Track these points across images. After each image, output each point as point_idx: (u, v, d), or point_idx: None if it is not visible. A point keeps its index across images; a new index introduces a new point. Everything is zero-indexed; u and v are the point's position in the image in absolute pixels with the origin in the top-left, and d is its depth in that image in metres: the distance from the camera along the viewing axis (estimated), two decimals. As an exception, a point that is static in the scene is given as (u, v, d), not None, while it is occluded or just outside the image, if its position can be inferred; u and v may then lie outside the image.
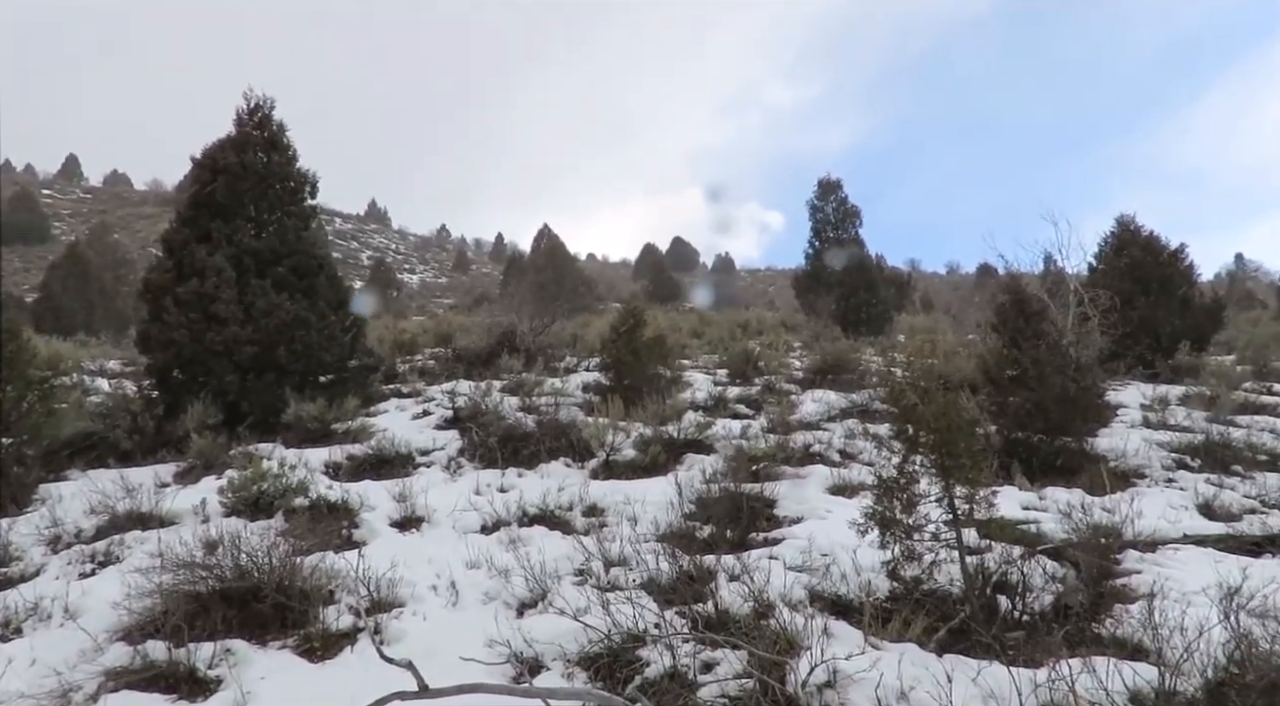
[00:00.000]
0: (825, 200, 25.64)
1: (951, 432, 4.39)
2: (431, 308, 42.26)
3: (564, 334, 16.11)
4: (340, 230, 76.58)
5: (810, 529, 5.62)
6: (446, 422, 9.23)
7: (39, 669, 3.93)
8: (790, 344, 17.15)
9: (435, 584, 5.07)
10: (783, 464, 7.46)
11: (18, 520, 6.18)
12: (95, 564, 5.44)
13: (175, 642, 4.10)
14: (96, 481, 6.82)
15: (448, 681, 3.21)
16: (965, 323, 23.35)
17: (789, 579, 4.66)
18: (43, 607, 4.63)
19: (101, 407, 9.06)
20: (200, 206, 9.55)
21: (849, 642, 3.79)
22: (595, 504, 6.67)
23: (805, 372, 12.88)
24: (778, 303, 48.74)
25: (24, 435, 7.21)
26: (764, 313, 29.65)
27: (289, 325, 9.16)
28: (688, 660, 3.72)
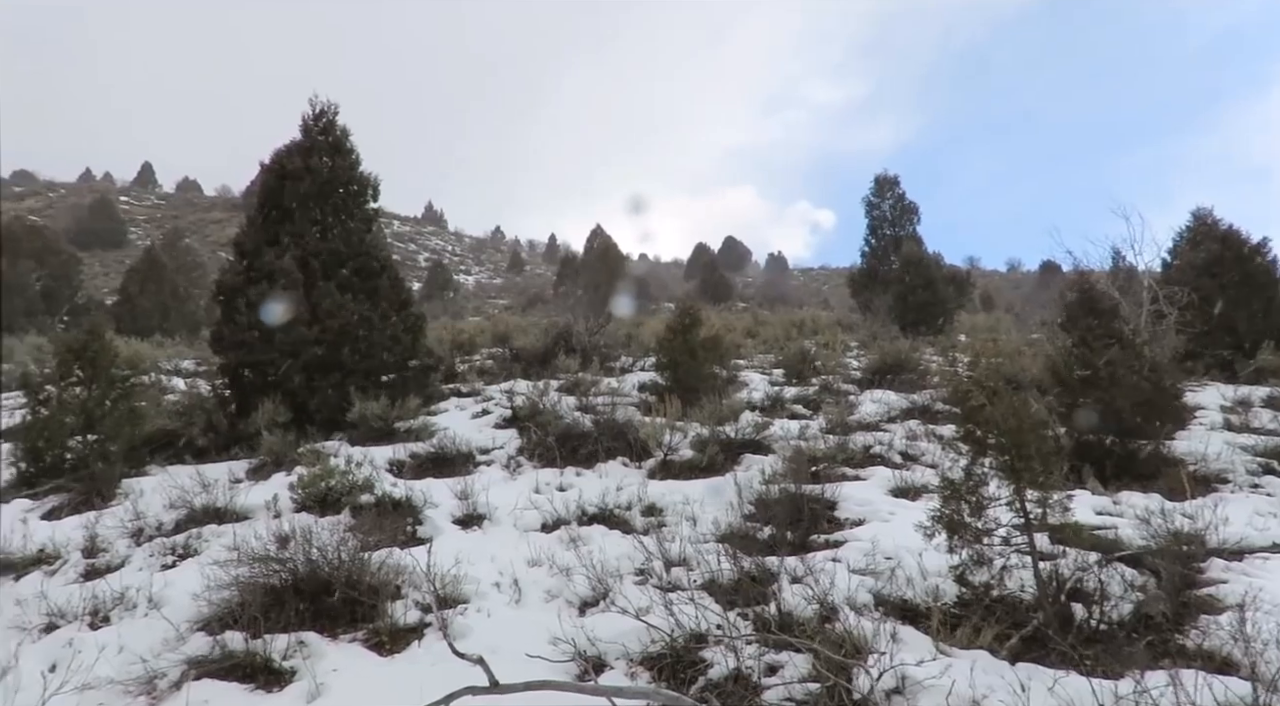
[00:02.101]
0: (882, 197, 25.26)
1: (1021, 434, 4.26)
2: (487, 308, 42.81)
3: (619, 333, 16.17)
4: (398, 232, 78.17)
5: (873, 531, 5.53)
6: (505, 421, 9.34)
7: (126, 656, 4.11)
8: (847, 343, 16.89)
9: (498, 581, 5.14)
10: (843, 465, 7.37)
11: (104, 513, 6.47)
12: (175, 556, 5.65)
13: (252, 634, 4.25)
14: (175, 477, 7.11)
15: (513, 677, 3.25)
16: (1029, 321, 22.70)
17: (853, 582, 4.59)
18: (129, 597, 4.83)
19: (178, 406, 9.44)
20: (269, 211, 9.86)
21: (917, 648, 3.72)
22: (654, 503, 6.67)
23: (863, 372, 12.68)
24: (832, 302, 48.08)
25: (107, 432, 7.54)
26: (818, 312, 29.27)
27: (353, 326, 9.39)
28: (752, 662, 3.70)
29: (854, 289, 25.57)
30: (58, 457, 7.34)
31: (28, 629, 4.55)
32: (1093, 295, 8.25)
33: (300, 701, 3.75)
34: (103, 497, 7.02)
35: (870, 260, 25.15)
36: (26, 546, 5.71)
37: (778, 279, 70.18)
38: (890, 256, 24.27)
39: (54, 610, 4.70)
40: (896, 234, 24.87)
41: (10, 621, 4.60)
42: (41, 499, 7.03)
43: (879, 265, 24.60)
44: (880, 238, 25.15)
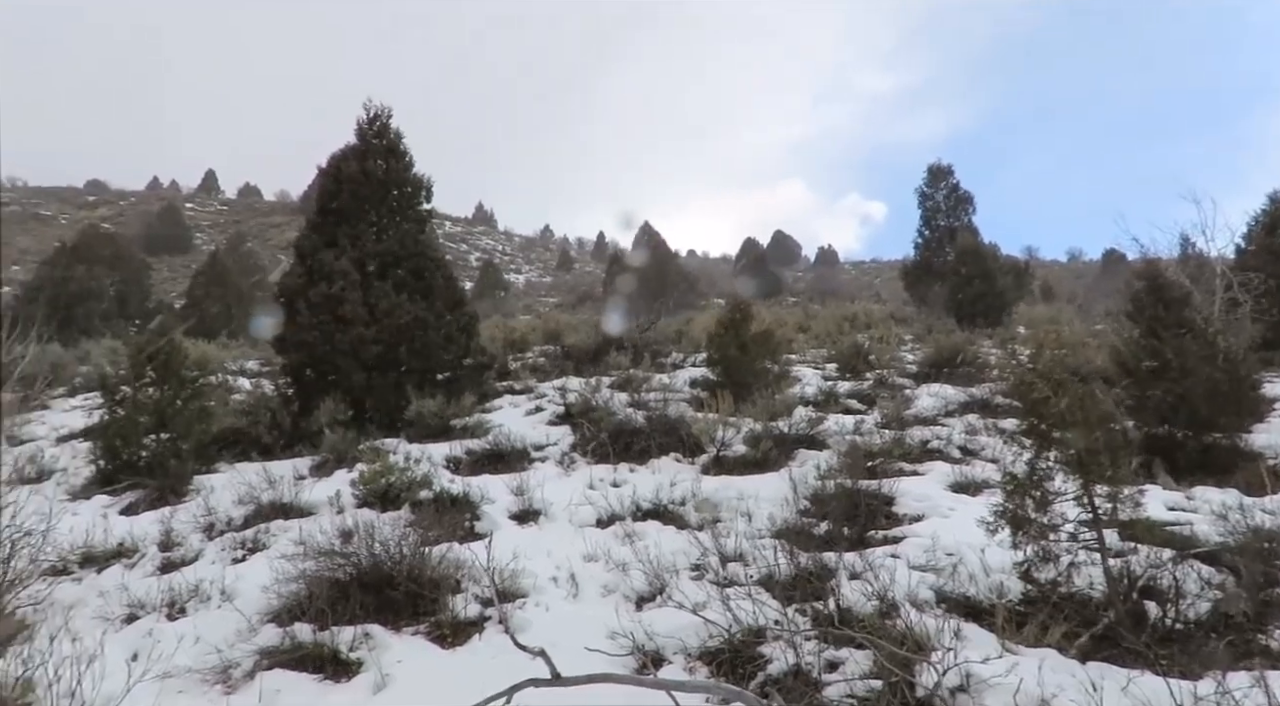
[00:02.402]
0: (935, 187, 24.74)
1: (1088, 427, 4.14)
2: (537, 306, 43.23)
3: (669, 330, 16.17)
4: (450, 233, 79.35)
5: (933, 527, 5.43)
6: (558, 418, 9.42)
7: (202, 646, 4.27)
8: (901, 337, 16.61)
9: (555, 576, 5.19)
10: (900, 460, 7.25)
11: (178, 509, 6.73)
12: (245, 550, 5.85)
13: (319, 626, 4.37)
14: (242, 474, 7.35)
15: (573, 671, 3.28)
16: (1093, 312, 22.02)
17: (913, 578, 4.52)
18: (203, 590, 5.02)
19: (244, 405, 9.76)
20: (327, 214, 10.11)
21: (982, 646, 3.64)
22: (708, 499, 6.66)
23: (919, 366, 12.46)
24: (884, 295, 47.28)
25: (179, 431, 7.83)
26: (871, 305, 28.82)
27: (409, 325, 9.58)
28: (811, 658, 3.67)
29: (907, 281, 25.10)
30: (133, 455, 7.65)
31: (110, 619, 4.76)
32: (1161, 283, 7.94)
33: (367, 692, 3.85)
34: (176, 494, 7.30)
35: (924, 252, 24.66)
36: (107, 540, 5.96)
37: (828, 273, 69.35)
38: (945, 248, 23.76)
39: (134, 601, 4.91)
40: (951, 224, 24.33)
41: (95, 612, 4.82)
42: (119, 495, 7.34)
43: (933, 257, 24.10)
44: (934, 229, 24.63)
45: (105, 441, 7.78)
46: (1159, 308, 7.76)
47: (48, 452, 8.78)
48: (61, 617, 4.53)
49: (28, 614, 4.48)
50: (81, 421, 10.25)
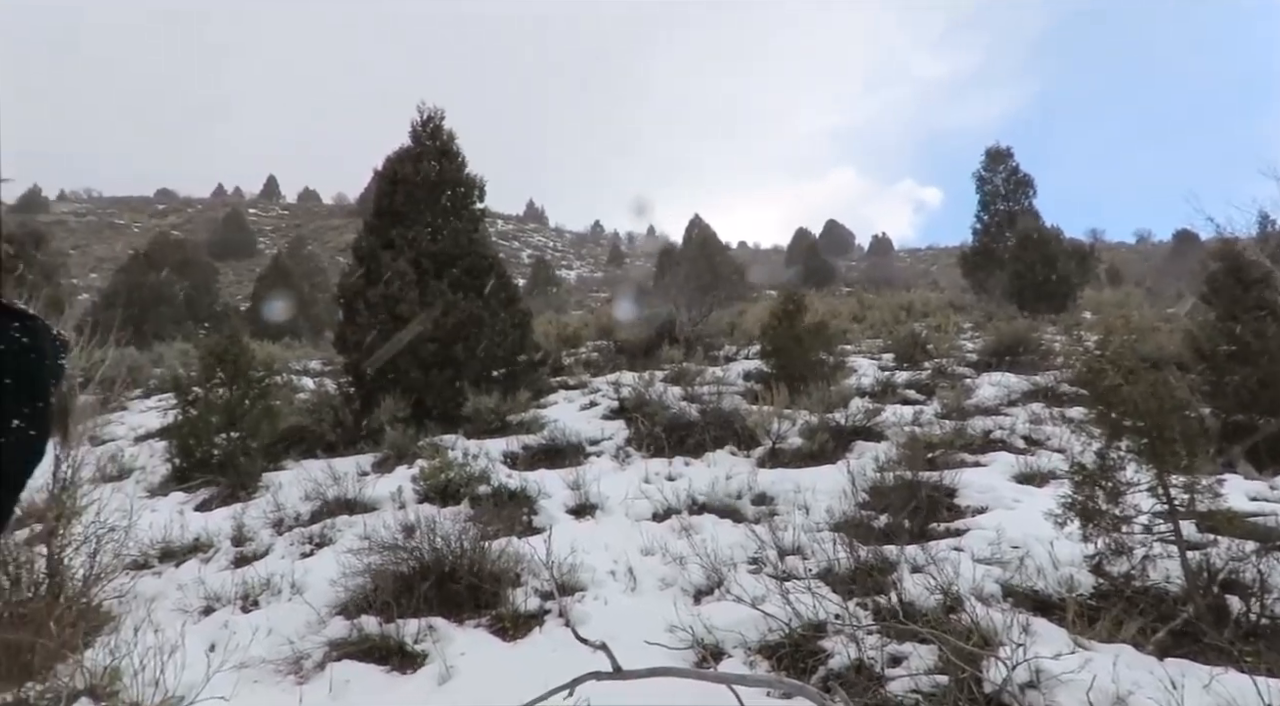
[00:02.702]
0: (993, 170, 24.09)
1: (1162, 415, 3.99)
2: (589, 302, 43.44)
3: (721, 322, 16.09)
4: (502, 231, 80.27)
5: (997, 519, 5.30)
6: (612, 413, 9.46)
7: (275, 637, 4.41)
8: (960, 325, 16.24)
9: (613, 569, 5.22)
10: (961, 451, 7.10)
11: (248, 505, 6.97)
12: (313, 544, 6.02)
13: (385, 618, 4.48)
14: (308, 470, 7.57)
15: (632, 664, 3.30)
16: (1163, 295, 21.18)
17: (978, 571, 4.42)
18: (274, 583, 5.19)
19: (308, 404, 10.04)
20: (383, 215, 10.32)
21: (1052, 641, 3.54)
22: (764, 492, 6.62)
23: (979, 355, 12.16)
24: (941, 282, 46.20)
25: (248, 429, 8.10)
26: (928, 293, 28.21)
27: (465, 323, 9.73)
28: (874, 653, 3.62)
29: (965, 268, 24.51)
30: (206, 454, 7.94)
31: (189, 611, 4.95)
32: (1239, 264, 7.58)
33: (433, 682, 3.93)
34: (246, 490, 7.55)
35: (983, 237, 24.03)
36: (184, 536, 6.21)
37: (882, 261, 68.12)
38: (1004, 233, 23.12)
39: (210, 594, 5.10)
40: (1011, 209, 23.66)
41: (174, 604, 5.02)
42: (194, 492, 7.63)
43: (992, 242, 23.48)
44: (993, 213, 23.98)
45: (179, 440, 8.09)
46: (1237, 289, 7.42)
47: (127, 451, 9.18)
48: (144, 609, 4.73)
49: (113, 605, 4.69)
50: (157, 421, 10.67)
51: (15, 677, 3.35)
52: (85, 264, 55.27)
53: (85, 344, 5.66)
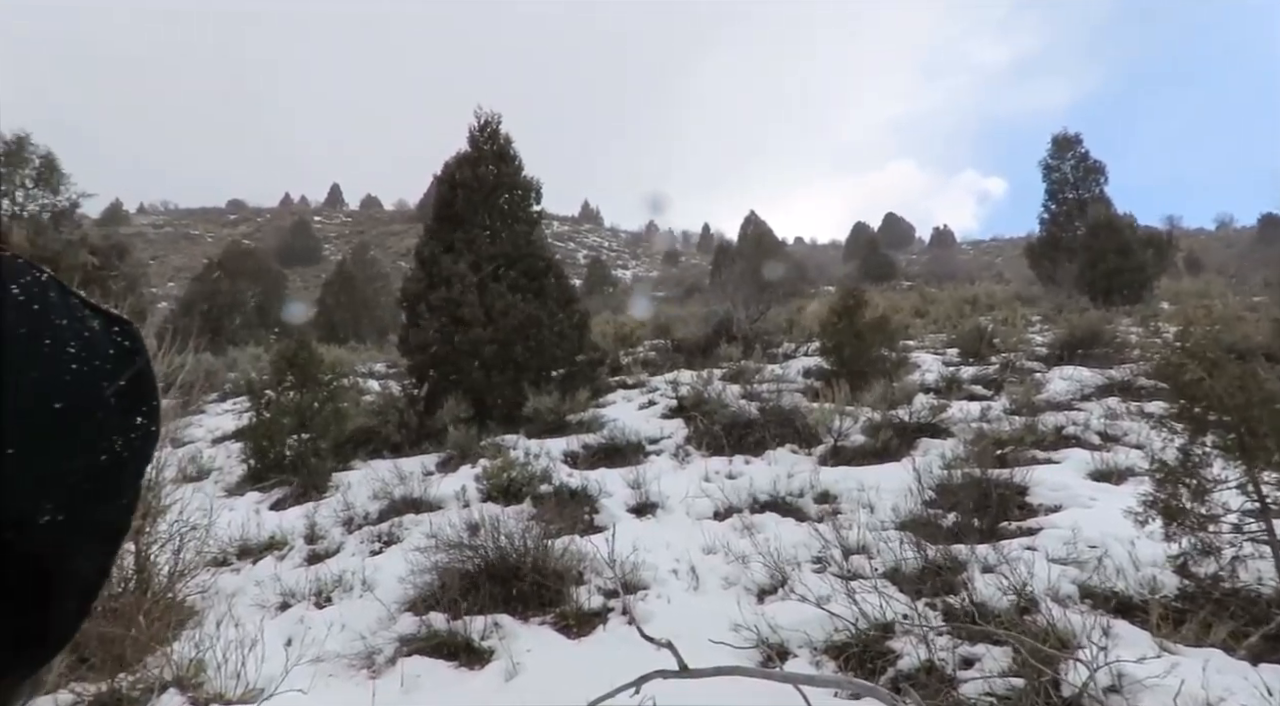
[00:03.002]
0: (1061, 158, 23.30)
1: (1250, 409, 3.79)
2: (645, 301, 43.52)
3: (779, 320, 15.94)
4: (558, 232, 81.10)
5: (1072, 518, 5.11)
6: (671, 411, 9.45)
7: (348, 633, 4.54)
8: (1028, 318, 15.75)
9: (675, 568, 5.22)
10: (1032, 448, 6.88)
11: (319, 504, 7.18)
12: (381, 543, 6.17)
13: (452, 615, 4.56)
14: (375, 470, 7.77)
15: (696, 663, 3.29)
16: (1248, 283, 20.19)
17: (1053, 572, 4.27)
18: (345, 580, 5.34)
19: (374, 405, 10.29)
20: (443, 219, 10.53)
21: (1134, 645, 3.40)
22: (827, 490, 6.53)
23: (1049, 348, 11.76)
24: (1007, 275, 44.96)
25: (317, 431, 8.36)
26: (993, 286, 27.47)
27: (524, 324, 9.85)
28: (944, 654, 3.53)
29: (1033, 259, 23.77)
30: (279, 455, 8.21)
31: (266, 607, 5.13)
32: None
33: (500, 679, 3.99)
34: (317, 490, 7.78)
35: (1050, 227, 23.27)
36: (260, 534, 6.43)
37: (945, 254, 66.62)
38: (1074, 221, 22.35)
39: (286, 590, 5.28)
40: (1080, 197, 22.84)
41: (252, 599, 5.21)
42: (268, 491, 7.91)
43: (1061, 232, 22.71)
44: (1061, 202, 23.20)
45: (254, 442, 8.39)
46: (1329, 275, 7.03)
47: (205, 453, 9.56)
48: (225, 605, 4.91)
49: (196, 601, 4.89)
50: (233, 423, 11.08)
51: (109, 669, 3.52)
52: (163, 273, 57.79)
53: (165, 350, 5.90)
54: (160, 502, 4.90)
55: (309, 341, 8.99)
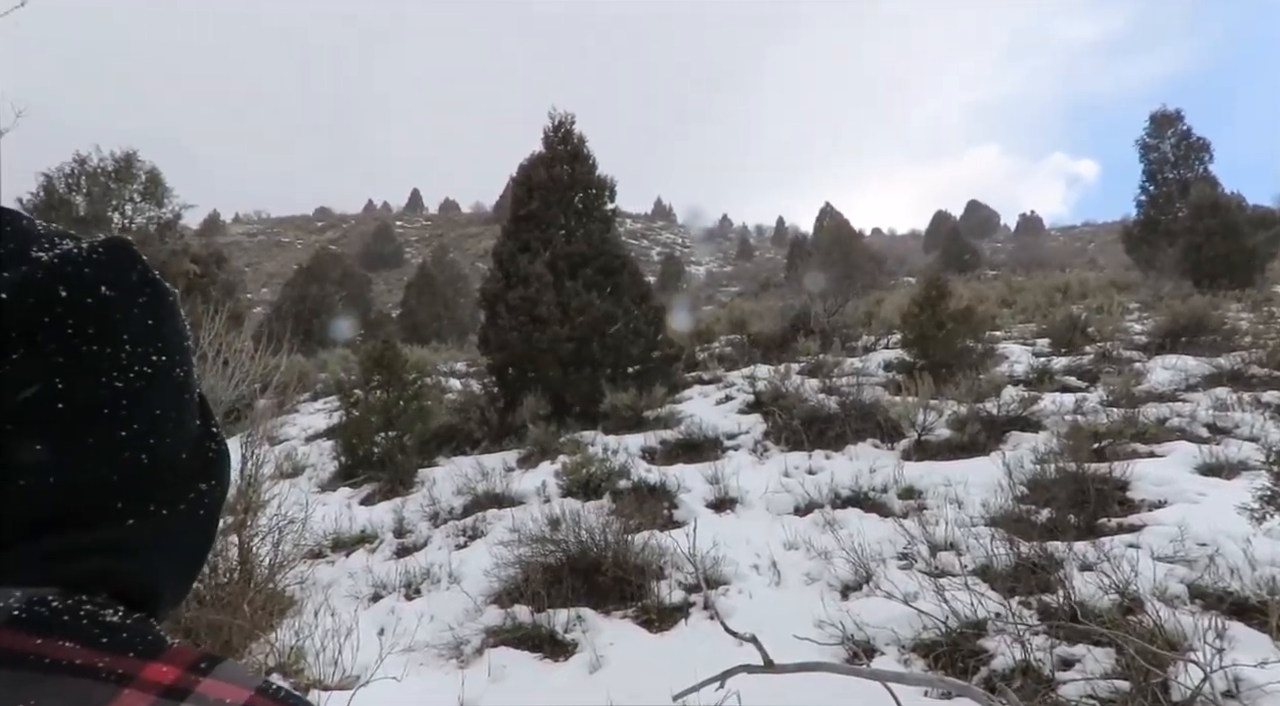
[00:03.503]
0: (1160, 136, 22.06)
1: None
2: (719, 296, 43.35)
3: (858, 313, 15.61)
4: (631, 230, 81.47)
5: (1179, 514, 4.83)
6: (748, 407, 9.37)
7: (437, 624, 4.67)
8: (1125, 305, 14.97)
9: (756, 563, 5.18)
10: (1133, 441, 6.53)
11: (407, 500, 7.41)
12: (466, 537, 6.32)
13: (536, 608, 4.64)
14: (459, 466, 7.97)
15: (779, 658, 3.25)
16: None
17: (1159, 570, 4.05)
18: (433, 573, 5.49)
19: (456, 403, 10.56)
20: (520, 220, 10.70)
21: (1251, 648, 3.19)
22: (911, 485, 6.36)
23: (1149, 337, 11.16)
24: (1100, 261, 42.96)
25: (403, 429, 8.62)
26: (1085, 273, 26.25)
27: (600, 321, 9.93)
28: (1041, 654, 3.39)
29: (1129, 244, 22.60)
30: (367, 452, 8.51)
31: (360, 598, 5.32)
32: None
33: (584, 671, 4.04)
34: (404, 485, 8.03)
35: (1149, 209, 22.05)
36: (352, 528, 6.68)
37: (1032, 241, 64.08)
38: (1175, 203, 21.12)
39: (377, 582, 5.47)
40: (1182, 176, 21.57)
41: (346, 591, 5.41)
42: (359, 487, 8.20)
43: (1161, 214, 21.50)
44: (1161, 183, 21.95)
45: (344, 439, 8.72)
46: None
47: (299, 450, 9.98)
48: (321, 595, 5.12)
49: (295, 591, 5.10)
50: (324, 422, 11.54)
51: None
52: (258, 280, 60.70)
53: (261, 352, 6.19)
54: (260, 497, 5.13)
55: (394, 342, 9.28)
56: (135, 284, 0.46)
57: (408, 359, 9.90)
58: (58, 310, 0.42)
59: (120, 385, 0.44)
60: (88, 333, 0.43)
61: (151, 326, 0.47)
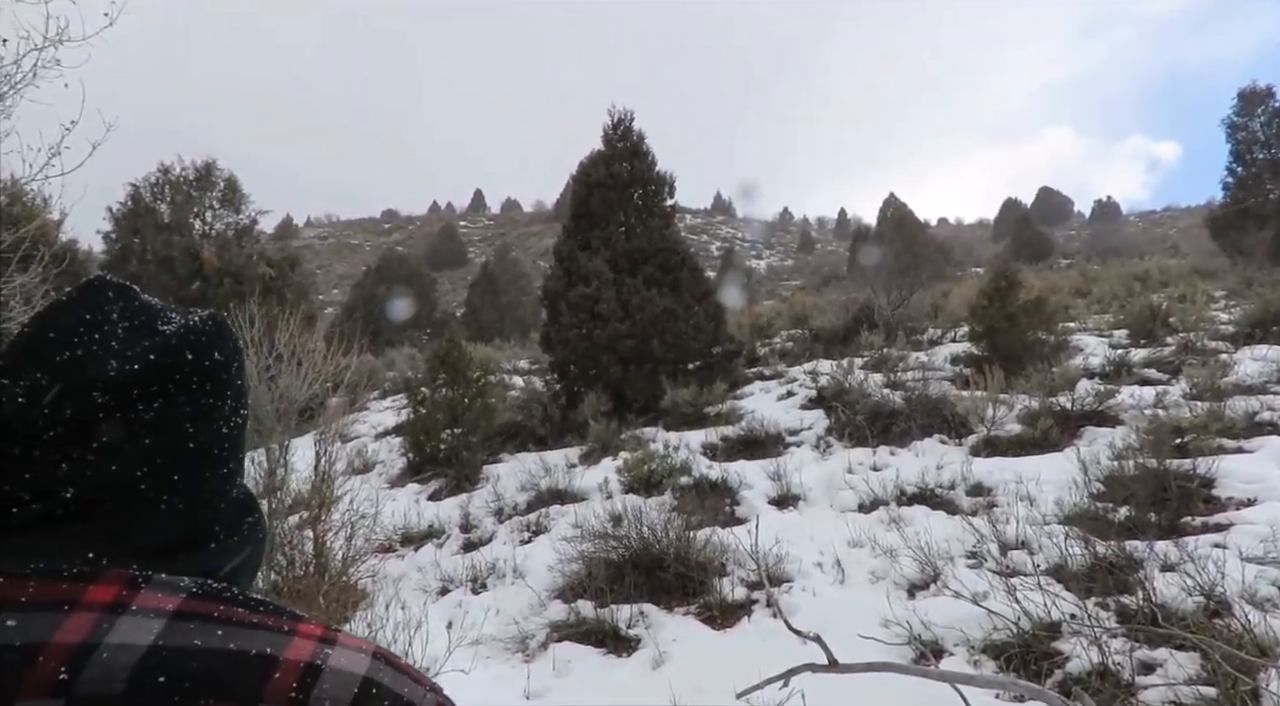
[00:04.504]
0: (1249, 115, 20.87)
1: None
2: (780, 291, 42.91)
3: (923, 305, 15.25)
4: (690, 225, 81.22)
5: (1271, 513, 4.60)
6: (810, 402, 9.26)
7: (503, 617, 4.76)
8: (1210, 294, 14.24)
9: (819, 561, 5.12)
10: (1219, 436, 6.23)
11: (472, 495, 7.57)
12: (530, 532, 6.43)
13: (599, 603, 4.70)
14: (523, 463, 8.10)
15: (843, 658, 3.20)
16: None
17: (1248, 572, 3.86)
18: (498, 567, 5.60)
19: (518, 401, 10.72)
20: (580, 218, 10.80)
21: (1350, 656, 3.02)
22: (980, 482, 6.19)
23: (1237, 327, 10.61)
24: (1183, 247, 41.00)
25: (468, 426, 8.79)
26: (1166, 261, 25.09)
27: (660, 318, 9.95)
28: (1120, 657, 3.27)
29: (1215, 229, 21.48)
30: (434, 449, 8.71)
31: (428, 591, 5.46)
32: None
33: (647, 666, 4.07)
34: (470, 481, 8.20)
35: (1236, 192, 20.90)
36: (420, 522, 6.86)
37: (1108, 228, 61.59)
38: (1266, 185, 19.98)
39: (445, 576, 5.60)
40: (1273, 156, 20.38)
41: (415, 584, 5.56)
42: (426, 483, 8.41)
43: (1250, 197, 20.36)
44: (1250, 164, 20.77)
45: (411, 437, 8.94)
46: None
47: (369, 447, 10.28)
48: (392, 588, 5.28)
49: (367, 584, 5.27)
50: (393, 419, 11.85)
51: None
52: (329, 281, 62.60)
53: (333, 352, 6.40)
54: (333, 493, 5.32)
55: (459, 341, 9.47)
56: (233, 349, 0.59)
57: (472, 357, 10.09)
58: (186, 371, 0.54)
59: (225, 431, 0.57)
60: (206, 389, 0.55)
61: (241, 384, 0.60)
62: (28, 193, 5.29)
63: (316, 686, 0.45)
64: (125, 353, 0.52)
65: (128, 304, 0.56)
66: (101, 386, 0.50)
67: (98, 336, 0.53)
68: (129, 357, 0.52)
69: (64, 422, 0.49)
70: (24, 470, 0.49)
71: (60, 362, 0.51)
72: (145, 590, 0.47)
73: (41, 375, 0.50)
